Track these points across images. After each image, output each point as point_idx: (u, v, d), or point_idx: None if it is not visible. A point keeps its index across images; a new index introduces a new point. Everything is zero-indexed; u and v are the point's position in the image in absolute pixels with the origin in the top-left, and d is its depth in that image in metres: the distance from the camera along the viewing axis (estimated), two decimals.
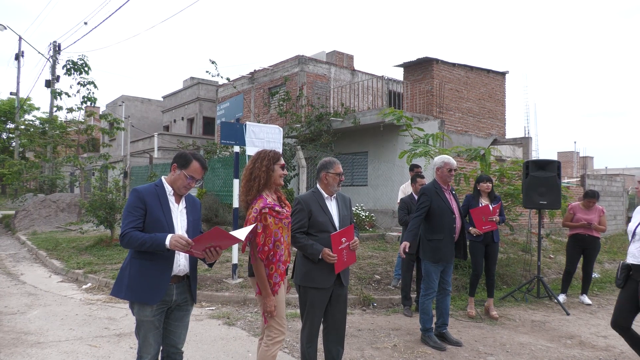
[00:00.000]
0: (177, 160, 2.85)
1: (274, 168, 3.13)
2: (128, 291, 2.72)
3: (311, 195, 3.56)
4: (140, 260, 2.72)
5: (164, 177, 2.91)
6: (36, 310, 5.73)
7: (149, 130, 26.82)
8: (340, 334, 3.61)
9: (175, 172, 2.83)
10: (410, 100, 14.48)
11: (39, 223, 14.29)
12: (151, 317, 2.75)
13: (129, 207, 2.74)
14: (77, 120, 15.62)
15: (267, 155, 3.14)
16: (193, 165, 2.82)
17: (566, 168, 33.12)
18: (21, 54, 24.35)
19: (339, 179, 3.53)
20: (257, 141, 6.76)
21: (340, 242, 3.37)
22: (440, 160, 4.84)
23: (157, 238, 2.63)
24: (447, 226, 4.68)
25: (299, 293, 3.55)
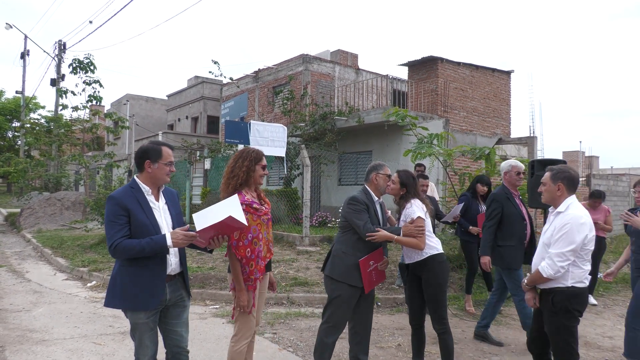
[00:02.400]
0: (149, 155, 2.74)
1: (255, 168, 3.16)
2: (122, 300, 2.66)
3: (364, 196, 3.63)
4: (132, 267, 2.64)
5: (136, 176, 2.80)
6: (41, 308, 5.75)
7: (154, 128, 26.89)
8: (366, 340, 3.69)
9: (153, 167, 2.74)
10: (415, 99, 14.43)
11: (44, 221, 14.36)
12: (145, 320, 2.70)
13: (111, 216, 2.62)
14: (82, 119, 15.65)
15: (250, 155, 3.17)
16: (165, 151, 2.78)
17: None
18: (27, 52, 24.50)
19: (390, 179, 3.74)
20: (262, 140, 6.77)
21: (368, 265, 3.52)
22: (507, 164, 4.77)
23: (156, 240, 2.59)
24: (518, 233, 4.58)
25: (331, 287, 3.53)
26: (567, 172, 3.11)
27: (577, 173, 3.22)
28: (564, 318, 3.02)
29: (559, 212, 3.08)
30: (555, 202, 3.12)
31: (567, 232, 2.93)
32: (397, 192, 3.74)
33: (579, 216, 2.96)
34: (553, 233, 3.03)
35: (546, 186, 3.16)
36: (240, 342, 3.13)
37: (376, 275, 3.58)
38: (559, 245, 2.95)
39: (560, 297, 3.00)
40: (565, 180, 3.08)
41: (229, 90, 21.08)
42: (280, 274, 6.91)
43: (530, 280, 3.16)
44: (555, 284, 3.03)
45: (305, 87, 16.21)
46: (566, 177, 3.08)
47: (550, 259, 2.98)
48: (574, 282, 3.00)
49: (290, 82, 16.22)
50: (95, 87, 14.13)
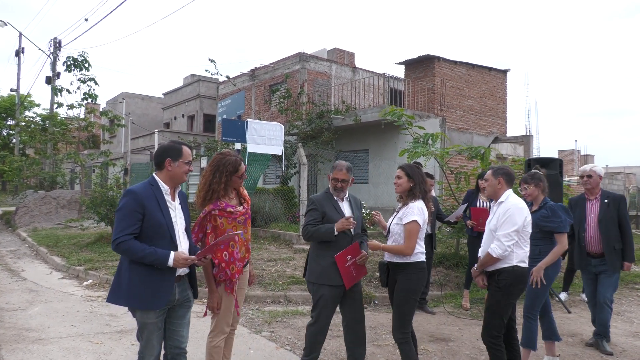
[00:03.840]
0: (170, 154, 2.76)
1: (232, 179, 3.17)
2: (129, 298, 2.63)
3: (324, 196, 3.66)
4: (143, 266, 2.61)
5: (155, 175, 2.80)
6: (37, 307, 5.73)
7: (150, 127, 26.79)
8: (360, 334, 3.66)
9: (173, 165, 2.76)
10: (412, 98, 14.45)
11: (39, 220, 14.29)
12: (155, 319, 2.69)
13: (125, 210, 2.60)
14: (78, 117, 15.59)
15: (226, 169, 3.14)
16: (185, 150, 2.82)
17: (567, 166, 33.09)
18: (21, 50, 24.31)
19: (334, 184, 3.62)
20: (259, 138, 6.77)
21: (345, 261, 3.49)
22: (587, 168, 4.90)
23: (159, 256, 2.57)
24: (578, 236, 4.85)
25: (312, 290, 3.60)
26: (506, 169, 3.59)
27: (513, 171, 3.66)
28: (506, 294, 3.41)
29: (500, 202, 3.51)
30: (497, 195, 3.55)
31: (510, 215, 3.36)
32: (406, 187, 3.50)
33: (518, 202, 3.43)
34: (498, 219, 3.42)
35: (489, 181, 3.57)
36: (217, 337, 3.20)
37: (356, 270, 3.55)
38: (504, 227, 3.36)
39: (505, 275, 3.40)
40: (504, 175, 3.52)
41: (226, 89, 21.03)
42: (277, 272, 6.91)
43: (481, 264, 3.52)
44: (502, 264, 3.41)
45: (302, 86, 16.19)
46: (505, 173, 3.54)
47: (498, 240, 3.36)
48: (517, 261, 3.40)
49: (287, 80, 16.20)
50: (90, 85, 14.11)
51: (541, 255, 4.03)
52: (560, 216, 4.01)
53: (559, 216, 4.00)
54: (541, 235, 4.06)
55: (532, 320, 4.06)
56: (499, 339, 3.44)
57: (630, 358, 4.52)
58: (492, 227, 3.50)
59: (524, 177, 4.29)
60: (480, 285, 3.62)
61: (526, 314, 4.09)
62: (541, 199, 4.14)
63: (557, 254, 4.00)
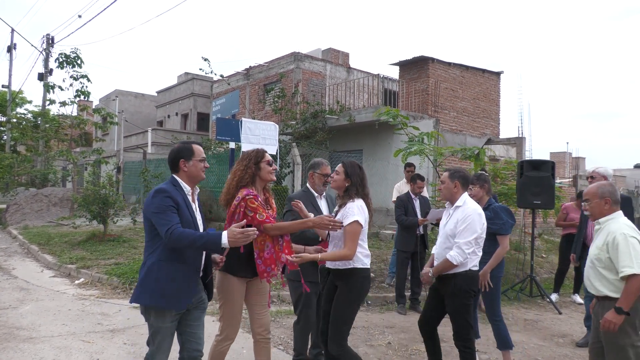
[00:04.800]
0: (182, 154, 2.77)
1: (262, 167, 3.09)
2: (157, 297, 2.59)
3: (302, 195, 3.68)
4: (172, 264, 2.61)
5: (175, 176, 2.80)
6: (28, 305, 5.68)
7: (143, 125, 26.64)
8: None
9: (188, 165, 2.76)
10: (406, 98, 14.49)
11: (30, 217, 14.16)
12: (169, 324, 2.67)
13: (162, 206, 2.59)
14: (70, 115, 15.47)
15: (250, 156, 3.12)
16: (196, 148, 2.82)
17: (559, 168, 33.28)
18: (13, 46, 24.09)
19: (324, 179, 3.66)
20: (253, 137, 6.75)
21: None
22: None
23: (211, 236, 2.57)
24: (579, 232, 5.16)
25: (293, 287, 3.61)
26: (462, 172, 3.54)
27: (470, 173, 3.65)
28: (464, 298, 3.41)
29: (457, 206, 3.47)
30: (453, 198, 3.52)
31: (470, 222, 3.33)
32: (342, 184, 3.23)
33: (477, 208, 3.43)
34: (456, 225, 3.38)
35: (445, 184, 3.53)
36: (224, 342, 3.11)
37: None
38: (465, 235, 3.32)
39: (461, 280, 3.39)
40: (461, 178, 3.48)
41: (220, 87, 20.97)
42: None
43: (438, 271, 3.47)
44: (458, 269, 3.39)
45: (297, 85, 16.19)
46: (461, 176, 3.49)
47: (459, 248, 3.32)
48: (472, 266, 3.43)
49: (281, 80, 16.19)
50: (83, 82, 13.97)
51: (485, 256, 4.08)
52: (502, 218, 4.08)
53: (501, 218, 4.08)
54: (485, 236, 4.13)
55: (499, 322, 4.14)
56: (470, 341, 3.47)
57: None
58: (448, 232, 3.47)
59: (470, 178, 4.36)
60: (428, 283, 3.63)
61: (491, 319, 4.17)
62: (486, 200, 4.21)
63: (500, 256, 4.09)
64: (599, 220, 3.11)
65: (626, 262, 2.81)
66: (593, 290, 3.06)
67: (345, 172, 3.21)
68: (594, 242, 3.13)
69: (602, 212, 3.09)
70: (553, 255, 9.59)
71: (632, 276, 2.79)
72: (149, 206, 2.65)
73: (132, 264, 7.30)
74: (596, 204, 3.10)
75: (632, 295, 2.81)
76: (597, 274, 3.01)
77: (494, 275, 4.11)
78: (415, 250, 6.04)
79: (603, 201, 3.07)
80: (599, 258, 3.00)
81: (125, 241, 9.46)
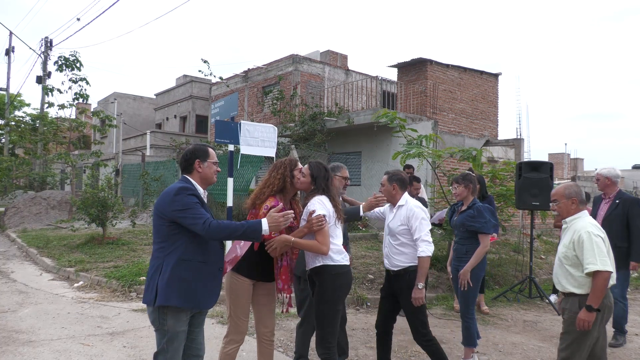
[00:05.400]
0: (198, 155, 2.77)
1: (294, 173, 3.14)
2: (182, 297, 2.56)
3: None
4: (194, 263, 2.60)
5: (188, 176, 2.79)
6: (27, 309, 5.67)
7: (141, 127, 26.65)
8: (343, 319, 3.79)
9: (203, 166, 2.77)
10: (404, 100, 14.52)
11: (29, 220, 14.14)
12: (185, 327, 2.65)
13: (191, 203, 2.58)
14: (69, 118, 15.45)
15: (283, 164, 3.17)
16: (210, 151, 2.84)
17: (557, 169, 33.30)
18: (12, 49, 24.07)
19: (345, 182, 3.78)
20: (252, 140, 6.74)
21: None
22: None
23: (252, 224, 2.59)
24: None
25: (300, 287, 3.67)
26: (399, 175, 3.70)
27: (407, 176, 3.77)
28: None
29: (400, 205, 3.64)
30: (394, 199, 3.68)
31: (422, 217, 3.51)
32: (308, 186, 3.21)
33: (418, 204, 3.62)
34: (403, 223, 3.54)
35: (385, 187, 3.69)
36: (230, 345, 3.11)
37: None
38: (422, 228, 3.49)
39: (414, 274, 3.50)
40: (398, 181, 3.65)
41: (218, 90, 20.98)
42: None
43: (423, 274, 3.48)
44: (410, 262, 3.53)
45: (295, 88, 16.21)
46: (398, 179, 3.66)
47: (423, 242, 3.46)
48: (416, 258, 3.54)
49: (279, 82, 16.22)
50: (81, 85, 13.97)
51: (467, 254, 4.19)
52: (485, 217, 4.13)
53: (484, 217, 4.13)
54: (468, 235, 4.22)
55: (471, 320, 4.19)
56: (430, 334, 3.58)
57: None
58: (394, 229, 3.60)
59: (455, 177, 4.44)
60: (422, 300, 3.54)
61: (464, 316, 4.23)
62: (470, 199, 4.29)
63: (480, 255, 4.14)
64: (565, 220, 3.23)
65: (590, 259, 2.93)
66: (560, 287, 3.18)
67: (310, 175, 3.18)
68: (561, 240, 3.24)
69: (569, 211, 3.20)
70: (552, 256, 9.60)
71: (596, 273, 2.91)
72: (169, 205, 2.59)
73: (131, 267, 7.29)
74: (564, 204, 3.21)
75: (599, 292, 2.92)
76: (564, 271, 3.12)
77: (475, 274, 4.17)
78: None
79: (570, 201, 3.19)
80: (566, 256, 3.11)
81: (124, 244, 9.45)
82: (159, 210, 2.65)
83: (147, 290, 2.63)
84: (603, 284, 2.91)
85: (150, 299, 2.58)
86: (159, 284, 2.57)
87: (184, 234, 2.60)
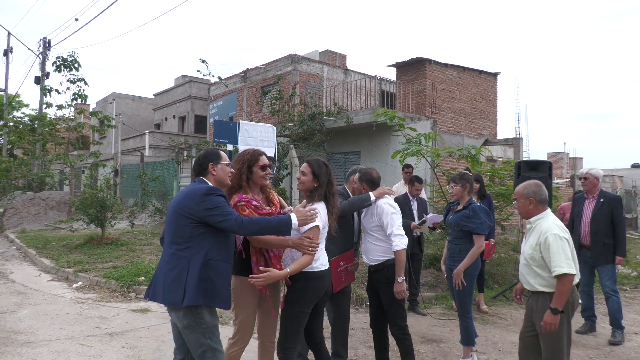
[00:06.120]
0: (211, 158, 2.81)
1: (254, 170, 3.02)
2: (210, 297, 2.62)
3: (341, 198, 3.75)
4: (219, 263, 2.66)
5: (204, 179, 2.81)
6: (26, 309, 5.66)
7: (140, 128, 26.62)
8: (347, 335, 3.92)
9: (216, 168, 2.80)
10: (403, 100, 14.52)
11: (27, 221, 14.12)
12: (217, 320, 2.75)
13: (221, 202, 2.63)
14: (67, 118, 15.44)
15: (244, 158, 3.06)
16: (222, 154, 2.87)
17: (556, 169, 33.31)
18: (10, 49, 24.01)
19: None
20: (251, 140, 6.75)
21: (339, 266, 3.57)
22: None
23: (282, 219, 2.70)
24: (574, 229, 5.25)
25: None
26: (369, 175, 3.74)
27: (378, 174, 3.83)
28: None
29: None
30: None
31: (391, 213, 3.55)
32: (309, 186, 3.07)
33: (388, 200, 3.65)
34: (375, 220, 3.60)
35: (356, 185, 3.79)
36: (236, 345, 3.07)
37: (345, 276, 3.68)
38: (392, 222, 3.54)
39: (391, 268, 3.54)
40: (368, 181, 3.71)
41: (217, 90, 20.97)
42: None
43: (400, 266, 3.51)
44: (387, 256, 3.57)
45: (294, 87, 16.20)
46: (368, 179, 3.72)
47: (396, 236, 3.51)
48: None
49: (278, 82, 16.21)
50: (80, 86, 13.97)
51: (461, 254, 4.20)
52: (480, 217, 4.13)
53: (479, 217, 4.12)
54: (462, 234, 4.22)
55: (468, 319, 4.20)
56: (407, 328, 3.64)
57: (618, 359, 4.58)
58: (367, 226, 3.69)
59: (452, 177, 4.42)
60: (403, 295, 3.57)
61: (461, 316, 4.23)
62: (467, 199, 4.29)
63: (474, 255, 4.14)
64: (529, 220, 3.24)
65: (557, 261, 2.95)
66: (528, 286, 3.22)
67: (312, 173, 3.05)
68: (527, 240, 3.25)
69: (527, 211, 3.22)
70: None
71: (562, 276, 2.93)
72: (199, 205, 2.60)
73: (130, 267, 7.29)
74: (522, 204, 3.23)
75: (564, 295, 2.96)
76: (531, 271, 3.15)
77: (469, 274, 4.17)
78: (413, 252, 6.03)
79: (527, 201, 3.19)
80: (532, 257, 3.12)
81: (123, 244, 9.44)
82: (186, 210, 2.64)
83: (171, 290, 2.60)
84: (568, 287, 2.95)
85: (177, 299, 2.57)
86: (189, 284, 2.57)
87: (210, 235, 2.64)
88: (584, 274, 5.15)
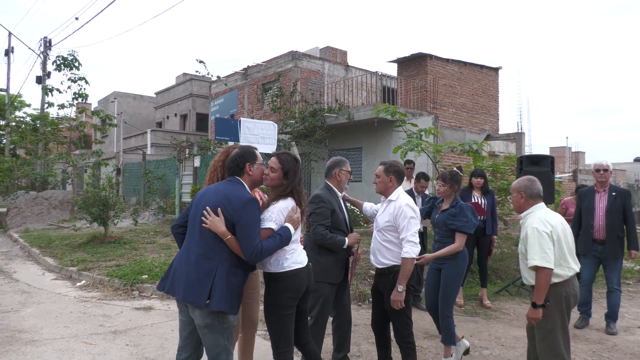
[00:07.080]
0: (247, 158, 2.81)
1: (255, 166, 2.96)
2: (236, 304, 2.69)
3: (328, 194, 3.64)
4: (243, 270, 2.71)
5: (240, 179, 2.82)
6: (30, 308, 5.69)
7: (142, 126, 26.66)
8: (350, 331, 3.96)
9: (253, 169, 2.82)
10: (404, 96, 14.49)
11: (31, 220, 14.18)
12: None
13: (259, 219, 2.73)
14: (69, 117, 15.46)
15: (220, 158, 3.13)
16: (257, 154, 2.89)
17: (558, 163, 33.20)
18: (11, 49, 24.05)
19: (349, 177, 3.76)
20: (252, 137, 6.76)
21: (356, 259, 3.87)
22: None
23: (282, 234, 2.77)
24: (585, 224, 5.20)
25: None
26: (397, 167, 3.55)
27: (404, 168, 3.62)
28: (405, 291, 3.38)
29: (390, 200, 3.49)
30: (387, 192, 3.53)
31: (410, 217, 3.35)
32: (278, 182, 2.93)
33: (409, 202, 3.44)
34: (391, 220, 3.40)
35: (380, 178, 3.55)
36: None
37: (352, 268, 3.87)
38: (410, 228, 3.34)
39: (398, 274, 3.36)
40: (395, 173, 3.51)
41: (218, 88, 20.96)
42: None
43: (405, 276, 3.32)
44: (395, 261, 3.40)
45: (295, 84, 16.18)
46: (396, 171, 3.51)
47: (408, 242, 3.32)
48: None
49: (279, 79, 16.18)
50: (81, 85, 13.98)
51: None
52: (467, 216, 4.10)
53: (465, 216, 4.09)
54: (448, 233, 4.17)
55: (449, 318, 4.15)
56: (411, 337, 3.52)
57: (622, 353, 4.57)
58: (381, 225, 3.49)
59: (442, 174, 4.36)
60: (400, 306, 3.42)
61: (442, 314, 4.18)
62: (452, 198, 4.26)
63: (451, 251, 4.10)
64: (520, 215, 3.28)
65: (531, 254, 2.98)
66: (525, 281, 3.25)
67: (282, 168, 2.92)
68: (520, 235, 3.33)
69: (520, 205, 3.25)
70: None
71: (538, 269, 2.95)
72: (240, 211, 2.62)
73: (133, 265, 7.31)
74: (515, 198, 3.29)
75: (542, 289, 2.96)
76: (525, 266, 3.18)
77: (456, 272, 4.14)
78: None
79: (519, 195, 3.24)
80: (521, 251, 3.19)
81: (126, 243, 9.46)
82: (226, 211, 2.62)
83: (195, 290, 2.57)
84: (544, 280, 2.94)
85: (200, 300, 2.55)
86: (217, 288, 2.56)
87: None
88: (590, 268, 5.15)
